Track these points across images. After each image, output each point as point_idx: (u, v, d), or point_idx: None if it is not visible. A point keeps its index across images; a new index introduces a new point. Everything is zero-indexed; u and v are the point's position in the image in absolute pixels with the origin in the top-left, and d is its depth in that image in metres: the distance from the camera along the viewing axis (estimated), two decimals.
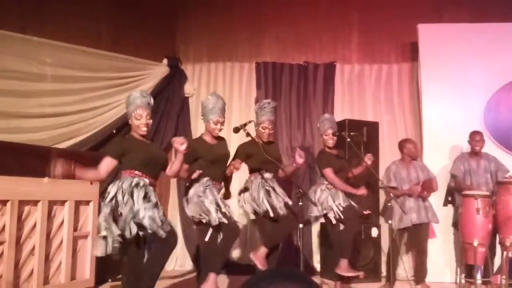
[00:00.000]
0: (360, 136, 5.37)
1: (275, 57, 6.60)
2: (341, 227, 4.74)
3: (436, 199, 5.66)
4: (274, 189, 4.34)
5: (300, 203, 4.26)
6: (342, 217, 4.67)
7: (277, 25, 6.57)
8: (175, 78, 6.43)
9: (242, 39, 6.64)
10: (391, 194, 5.10)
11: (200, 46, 6.66)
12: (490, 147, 5.66)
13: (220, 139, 4.26)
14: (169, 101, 6.32)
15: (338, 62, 6.51)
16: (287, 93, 6.52)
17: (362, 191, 4.79)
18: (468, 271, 5.12)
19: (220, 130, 4.16)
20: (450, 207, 5.61)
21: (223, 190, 4.28)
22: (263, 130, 4.48)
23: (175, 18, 6.68)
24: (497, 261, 5.26)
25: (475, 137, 5.41)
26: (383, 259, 5.62)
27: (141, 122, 3.55)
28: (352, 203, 4.81)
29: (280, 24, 6.56)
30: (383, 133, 6.18)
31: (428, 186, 5.21)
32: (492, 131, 5.82)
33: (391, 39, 6.41)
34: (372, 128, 5.96)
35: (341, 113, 6.30)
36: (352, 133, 4.92)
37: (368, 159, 4.82)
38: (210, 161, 4.05)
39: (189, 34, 6.66)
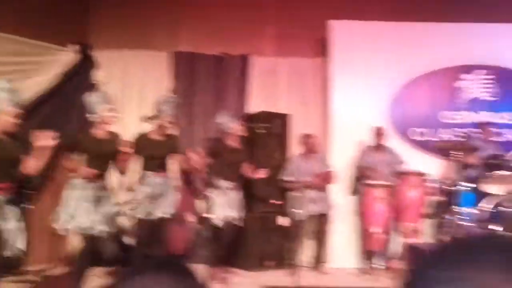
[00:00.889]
0: (273, 129, 5.53)
1: (192, 47, 6.54)
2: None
3: (341, 188, 5.94)
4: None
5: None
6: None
7: (194, 14, 6.50)
8: (85, 65, 6.16)
9: (158, 27, 6.51)
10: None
11: (114, 33, 6.43)
12: (394, 141, 6.01)
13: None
14: (78, 89, 6.04)
15: (253, 54, 6.58)
16: (203, 84, 6.50)
17: (263, 172, 4.95)
18: (369, 256, 5.43)
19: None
20: (354, 196, 5.90)
21: None
22: (164, 125, 4.51)
23: (87, 2, 6.42)
24: (395, 247, 5.63)
25: (378, 131, 5.75)
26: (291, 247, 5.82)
27: None
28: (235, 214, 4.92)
29: (197, 13, 6.50)
30: (294, 125, 6.34)
31: (325, 177, 5.44)
32: (395, 124, 6.18)
33: (305, 34, 6.55)
34: (285, 120, 6.12)
35: (255, 105, 6.38)
36: (263, 125, 5.03)
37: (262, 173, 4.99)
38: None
39: (102, 20, 6.42)
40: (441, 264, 0.67)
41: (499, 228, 4.69)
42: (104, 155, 4.03)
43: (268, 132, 4.91)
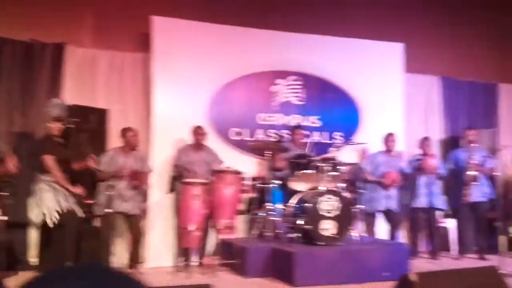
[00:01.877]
0: (88, 124, 5.21)
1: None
2: None
3: (161, 186, 5.89)
4: None
5: None
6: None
7: None
8: None
9: None
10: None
11: None
12: (212, 139, 6.15)
13: None
14: None
15: (69, 43, 6.13)
16: (9, 72, 5.86)
17: (79, 190, 4.74)
18: (185, 254, 5.47)
19: None
20: (171, 194, 5.89)
21: None
22: None
23: None
24: (211, 244, 5.76)
25: (198, 131, 5.84)
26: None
27: None
28: (72, 203, 4.64)
29: None
30: (113, 121, 6.09)
31: (138, 177, 5.34)
32: (214, 124, 6.33)
33: (126, 28, 6.35)
34: (102, 115, 5.84)
35: (70, 98, 5.95)
36: (76, 120, 4.73)
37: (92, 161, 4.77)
38: None
39: None
40: None
41: (302, 222, 5.08)
42: None
43: (79, 127, 4.62)
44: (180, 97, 6.21)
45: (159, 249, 5.83)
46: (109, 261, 5.09)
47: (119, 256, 5.49)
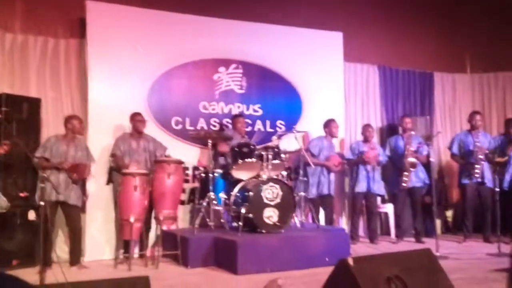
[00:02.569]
0: (19, 113, 4.95)
1: None
2: None
3: (99, 177, 5.71)
4: None
5: None
6: None
7: None
8: None
9: None
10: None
11: None
12: (153, 128, 6.02)
13: None
14: None
15: None
16: None
17: None
18: (126, 246, 5.33)
19: None
20: (111, 185, 5.72)
21: None
22: None
23: None
24: (152, 235, 5.66)
25: (136, 117, 5.68)
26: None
27: None
28: None
29: None
30: (47, 110, 5.83)
31: (80, 169, 5.15)
32: (154, 112, 6.19)
33: (59, 12, 6.07)
34: (34, 104, 5.56)
35: None
36: (7, 109, 4.48)
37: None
38: None
39: None
40: None
41: (244, 210, 5.08)
42: None
43: (10, 117, 4.36)
44: (118, 85, 6.01)
45: (98, 242, 5.66)
46: (48, 256, 4.87)
47: (59, 251, 5.29)
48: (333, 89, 7.23)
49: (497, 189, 5.82)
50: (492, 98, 8.45)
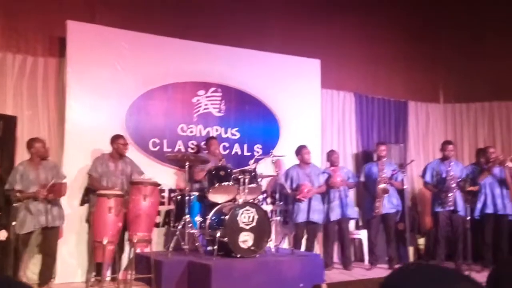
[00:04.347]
0: None
1: None
2: None
3: (73, 198, 5.63)
4: None
5: None
6: None
7: None
8: None
9: None
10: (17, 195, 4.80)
11: None
12: (131, 150, 5.98)
13: None
14: None
15: None
16: None
17: None
18: (98, 269, 5.24)
19: None
20: (86, 207, 5.65)
21: None
22: None
23: None
24: (125, 258, 5.58)
25: (119, 141, 5.64)
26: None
27: None
28: None
29: None
30: (22, 128, 5.76)
31: (56, 189, 5.08)
32: (132, 133, 6.16)
33: (40, 31, 6.05)
34: (10, 122, 5.50)
35: None
36: None
37: None
38: None
39: None
40: None
41: (219, 234, 5.06)
42: None
43: None
44: (96, 105, 5.98)
45: (70, 264, 5.55)
46: (16, 276, 4.76)
47: (29, 271, 5.17)
48: (310, 115, 7.33)
49: (468, 218, 5.94)
50: (464, 128, 8.68)
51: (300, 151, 6.66)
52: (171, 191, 6.27)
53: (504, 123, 8.43)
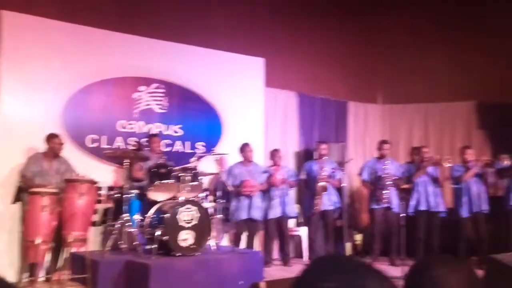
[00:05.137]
0: None
1: None
2: None
3: (5, 196, 5.39)
4: None
5: None
6: None
7: None
8: None
9: None
10: None
11: None
12: (67, 147, 5.78)
13: None
14: None
15: None
16: None
17: None
18: (31, 269, 5.04)
19: None
20: (18, 206, 5.42)
21: None
22: None
23: None
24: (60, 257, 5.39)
25: (54, 140, 5.48)
26: None
27: None
28: None
29: None
30: None
31: None
32: (68, 129, 5.96)
33: None
34: None
35: None
36: None
37: None
38: None
39: None
40: None
41: (159, 233, 4.99)
42: None
43: None
44: (31, 99, 5.75)
45: (1, 264, 5.30)
46: None
47: None
48: (254, 113, 7.37)
49: (403, 214, 6.18)
50: (401, 128, 9.01)
51: (244, 148, 6.69)
52: (109, 188, 6.11)
53: (438, 124, 8.81)
